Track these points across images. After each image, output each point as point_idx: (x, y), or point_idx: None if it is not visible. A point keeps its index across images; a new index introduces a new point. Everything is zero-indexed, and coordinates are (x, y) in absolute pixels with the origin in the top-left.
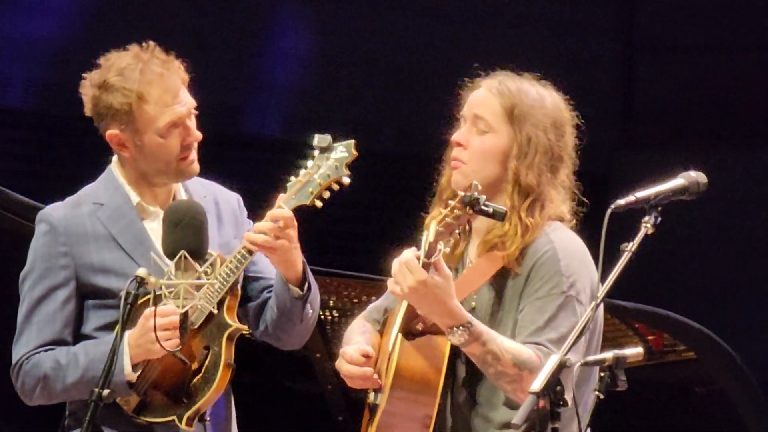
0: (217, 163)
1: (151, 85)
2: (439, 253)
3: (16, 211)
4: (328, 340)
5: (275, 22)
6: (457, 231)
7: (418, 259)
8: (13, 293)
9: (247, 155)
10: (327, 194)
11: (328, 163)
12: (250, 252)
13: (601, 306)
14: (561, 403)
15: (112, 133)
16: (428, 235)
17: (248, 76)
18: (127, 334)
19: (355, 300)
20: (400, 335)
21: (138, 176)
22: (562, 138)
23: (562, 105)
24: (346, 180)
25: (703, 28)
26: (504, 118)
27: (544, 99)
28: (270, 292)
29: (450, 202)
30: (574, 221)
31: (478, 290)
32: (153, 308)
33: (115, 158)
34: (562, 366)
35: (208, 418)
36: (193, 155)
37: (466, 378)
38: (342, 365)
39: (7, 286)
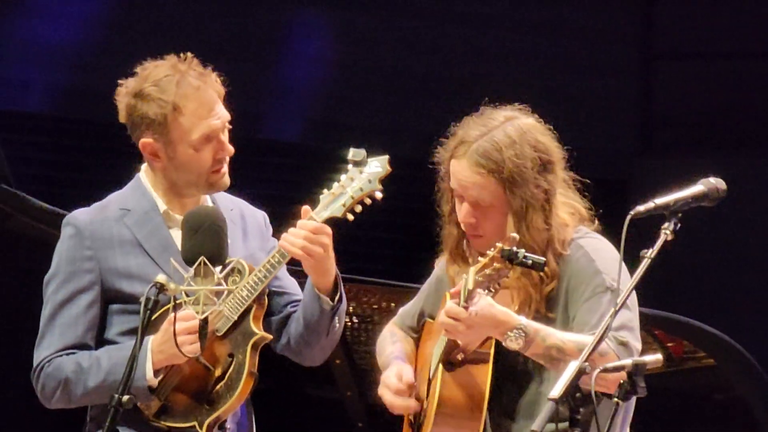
0: (237, 167)
1: (187, 98)
2: (477, 298)
3: (36, 217)
4: (348, 347)
5: (296, 28)
6: (497, 283)
7: (458, 303)
8: (35, 298)
9: (267, 160)
10: (359, 208)
11: (361, 177)
12: (280, 260)
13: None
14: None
15: (145, 141)
16: (467, 282)
17: (269, 82)
18: (150, 339)
19: (375, 306)
20: (441, 366)
21: (168, 186)
22: (551, 167)
23: (540, 134)
24: (379, 195)
25: (723, 35)
26: (500, 190)
27: (525, 150)
28: (294, 306)
29: (488, 252)
30: (596, 223)
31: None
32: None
33: (144, 167)
34: (581, 372)
35: (228, 426)
36: (225, 168)
37: (506, 395)
38: (385, 394)
39: (29, 290)
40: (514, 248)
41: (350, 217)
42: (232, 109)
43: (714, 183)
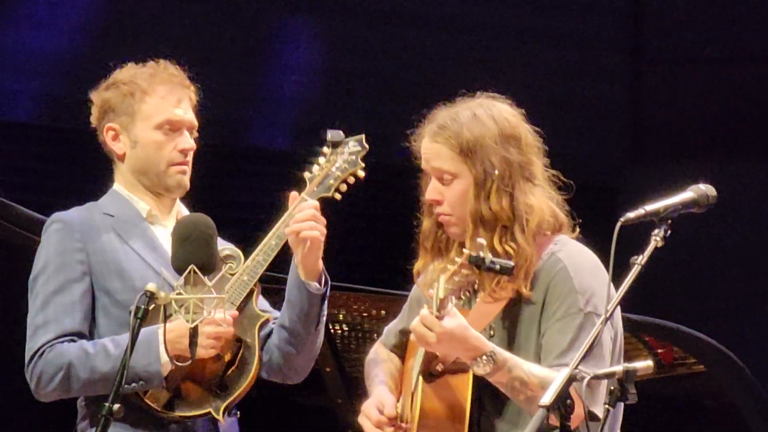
0: (225, 175)
1: (157, 84)
2: (450, 306)
3: (22, 226)
4: (338, 354)
5: (284, 35)
6: (467, 290)
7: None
8: (17, 306)
9: (255, 168)
10: (344, 187)
11: (343, 157)
12: (278, 243)
13: (619, 318)
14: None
15: (109, 125)
16: (438, 291)
17: (256, 90)
18: (169, 327)
19: (365, 314)
20: (420, 378)
21: (135, 181)
22: (519, 144)
23: (506, 112)
24: (361, 173)
25: (713, 41)
26: (460, 158)
27: (485, 121)
28: (272, 323)
29: (456, 259)
30: (577, 229)
31: (493, 320)
32: (207, 317)
33: (116, 177)
34: (572, 379)
35: (237, 413)
36: (187, 168)
37: (490, 405)
38: (365, 424)
39: (11, 300)
40: (480, 253)
41: (338, 196)
42: (219, 117)
43: (704, 189)
